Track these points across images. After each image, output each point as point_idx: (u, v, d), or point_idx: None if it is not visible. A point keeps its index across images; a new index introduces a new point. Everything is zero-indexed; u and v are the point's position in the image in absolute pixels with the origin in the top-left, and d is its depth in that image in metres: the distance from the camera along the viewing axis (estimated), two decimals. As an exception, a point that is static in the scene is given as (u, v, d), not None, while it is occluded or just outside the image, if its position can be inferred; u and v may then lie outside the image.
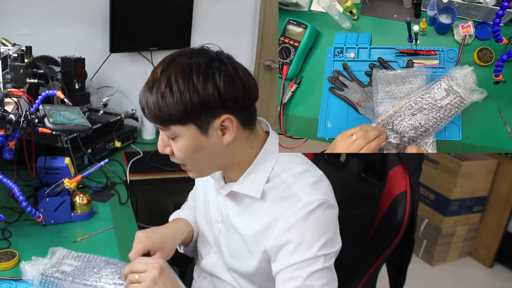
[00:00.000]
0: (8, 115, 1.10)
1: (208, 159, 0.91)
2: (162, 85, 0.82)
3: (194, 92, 0.81)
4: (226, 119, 0.85)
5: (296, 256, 0.86)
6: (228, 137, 0.87)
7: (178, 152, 0.89)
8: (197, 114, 0.83)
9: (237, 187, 0.95)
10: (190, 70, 0.82)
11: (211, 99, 0.82)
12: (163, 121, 0.85)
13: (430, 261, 2.81)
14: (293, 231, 0.86)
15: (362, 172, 1.23)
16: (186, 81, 0.81)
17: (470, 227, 2.86)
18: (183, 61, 0.84)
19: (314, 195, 0.88)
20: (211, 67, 0.83)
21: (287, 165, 0.93)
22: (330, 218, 0.90)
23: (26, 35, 1.94)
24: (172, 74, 0.82)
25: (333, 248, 0.89)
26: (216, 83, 0.82)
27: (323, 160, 1.32)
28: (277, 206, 0.90)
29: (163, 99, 0.82)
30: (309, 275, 0.85)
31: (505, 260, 2.82)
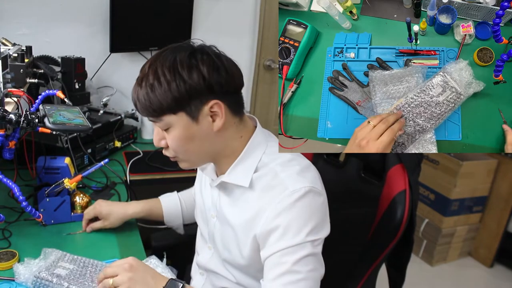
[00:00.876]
0: (8, 115, 1.11)
1: (201, 147, 0.94)
2: (150, 78, 0.87)
3: (180, 80, 0.86)
4: (214, 104, 0.89)
5: (283, 242, 0.88)
6: (218, 122, 0.91)
7: (172, 142, 0.92)
8: (186, 101, 0.87)
9: (226, 177, 0.98)
10: (175, 61, 0.87)
11: (197, 86, 0.87)
12: (154, 112, 0.89)
13: (430, 261, 2.81)
14: (281, 218, 0.88)
15: (361, 171, 1.23)
16: (172, 72, 0.86)
17: (470, 227, 2.86)
18: (168, 54, 0.89)
19: (302, 182, 0.90)
20: (195, 58, 0.88)
21: (274, 155, 0.97)
22: (317, 205, 0.92)
23: (26, 35, 1.94)
24: (158, 67, 0.87)
25: (320, 234, 0.91)
26: (200, 71, 0.87)
27: (323, 159, 1.32)
28: (265, 194, 0.92)
29: (152, 90, 0.87)
30: (296, 261, 0.87)
31: (505, 260, 2.83)
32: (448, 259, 2.86)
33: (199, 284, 1.14)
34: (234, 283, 1.05)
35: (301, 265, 0.87)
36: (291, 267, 0.86)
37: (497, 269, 2.83)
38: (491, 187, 2.82)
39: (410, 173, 1.11)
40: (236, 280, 1.05)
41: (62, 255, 1.08)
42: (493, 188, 2.81)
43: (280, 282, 0.87)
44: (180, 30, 2.23)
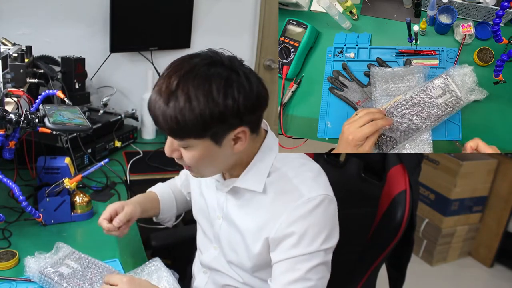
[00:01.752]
0: (8, 115, 1.11)
1: (216, 164, 0.93)
2: (180, 100, 0.80)
3: (214, 107, 0.80)
4: (241, 131, 0.87)
5: (298, 249, 0.89)
6: (239, 146, 0.89)
7: (188, 160, 0.89)
8: (215, 128, 0.83)
9: (239, 182, 0.97)
10: (210, 85, 0.80)
11: (229, 114, 0.82)
12: (178, 135, 0.85)
13: (430, 261, 2.81)
14: (297, 225, 0.89)
15: (361, 171, 1.23)
16: (206, 97, 0.80)
17: (470, 227, 2.86)
18: (200, 72, 0.81)
19: (316, 190, 0.90)
20: (231, 85, 0.82)
21: (285, 159, 0.97)
22: (331, 212, 0.92)
23: (26, 35, 1.94)
24: (191, 89, 0.80)
25: (332, 242, 0.92)
26: (235, 98, 0.81)
27: (323, 160, 1.32)
28: (279, 200, 0.92)
29: (182, 115, 0.80)
30: (309, 269, 0.88)
31: (505, 260, 2.82)
32: (448, 259, 2.86)
33: (202, 282, 1.14)
34: (241, 283, 1.05)
35: (313, 273, 0.89)
36: (304, 275, 0.88)
37: (497, 269, 2.83)
38: (491, 187, 2.82)
39: (410, 173, 1.11)
40: (243, 280, 1.05)
41: (71, 252, 1.10)
42: (493, 188, 2.81)
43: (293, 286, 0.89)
44: (180, 30, 2.23)
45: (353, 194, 1.25)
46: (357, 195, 1.24)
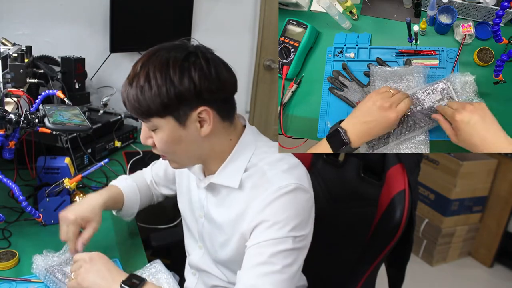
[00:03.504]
0: (8, 115, 1.11)
1: (188, 151, 0.94)
2: (141, 80, 0.86)
3: (170, 85, 0.85)
4: (203, 110, 0.88)
5: (266, 234, 0.88)
6: (205, 129, 0.90)
7: (158, 144, 0.93)
8: (174, 106, 0.87)
9: (215, 178, 0.98)
10: (167, 64, 0.86)
11: (187, 92, 0.86)
12: (142, 113, 0.89)
13: (430, 261, 2.81)
14: (265, 212, 0.89)
15: (361, 171, 1.23)
16: (163, 76, 0.85)
17: (470, 227, 2.86)
18: (161, 55, 0.87)
19: (287, 179, 0.90)
20: (187, 62, 0.86)
21: (263, 155, 0.97)
22: (302, 202, 0.91)
23: (26, 35, 1.94)
24: (150, 68, 0.86)
25: (303, 231, 0.91)
26: (191, 77, 0.85)
27: (322, 159, 1.32)
28: (252, 193, 0.93)
29: (142, 93, 0.86)
30: (275, 253, 0.87)
31: (505, 260, 2.83)
32: (448, 259, 2.86)
33: (192, 284, 1.14)
34: (226, 282, 1.06)
35: (279, 258, 0.87)
36: (268, 259, 0.87)
37: (497, 269, 2.83)
38: (491, 187, 2.82)
39: (409, 173, 1.11)
40: (228, 279, 1.05)
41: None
42: (493, 188, 2.81)
43: (254, 272, 0.87)
44: (180, 30, 2.23)
45: (352, 194, 1.25)
46: (356, 195, 1.24)
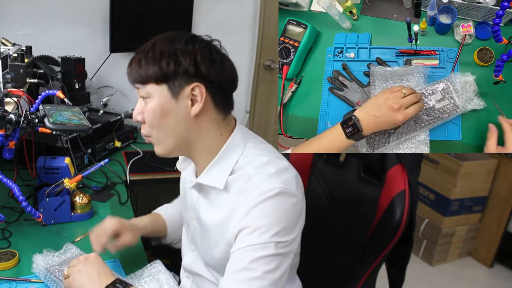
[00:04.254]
0: (8, 115, 1.11)
1: (174, 128, 0.94)
2: (147, 47, 0.92)
3: (172, 54, 0.90)
4: (196, 86, 0.90)
5: (248, 240, 0.87)
6: (196, 107, 0.91)
7: (148, 114, 0.94)
8: (171, 76, 0.90)
9: (202, 178, 0.97)
10: (174, 38, 0.92)
11: (186, 65, 0.90)
12: (141, 77, 0.92)
13: (430, 261, 2.81)
14: (248, 217, 0.87)
15: (361, 171, 1.23)
16: (168, 45, 0.91)
17: (470, 227, 2.86)
18: (171, 35, 0.94)
19: (273, 183, 0.88)
20: (192, 44, 0.92)
21: (251, 157, 0.95)
22: (287, 206, 0.89)
23: (26, 35, 1.94)
24: (158, 41, 0.92)
25: (288, 237, 0.89)
26: (194, 55, 0.90)
27: (323, 159, 1.32)
28: (238, 197, 0.91)
29: (145, 58, 0.91)
30: (256, 259, 0.85)
31: (505, 260, 2.82)
32: (448, 259, 2.86)
33: (186, 287, 1.14)
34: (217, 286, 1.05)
35: (260, 264, 0.85)
36: (248, 265, 0.85)
37: (497, 269, 2.83)
38: (491, 187, 2.82)
39: (409, 173, 1.11)
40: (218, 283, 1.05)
41: (79, 253, 1.10)
42: (493, 188, 2.81)
43: (235, 278, 0.86)
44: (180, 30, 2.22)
45: (352, 194, 1.25)
46: (356, 195, 1.24)
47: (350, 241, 1.24)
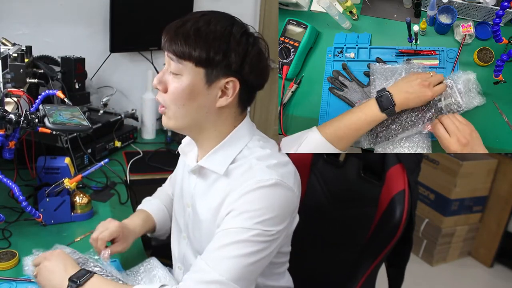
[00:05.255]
0: (8, 115, 1.11)
1: (195, 112, 0.92)
2: (201, 22, 0.88)
3: (225, 44, 0.87)
4: (232, 81, 0.89)
5: (233, 221, 0.87)
6: (223, 101, 0.91)
7: (174, 90, 0.90)
8: (214, 64, 0.88)
9: (203, 161, 0.97)
10: (231, 26, 0.89)
11: (234, 60, 0.88)
12: (182, 51, 0.88)
13: (430, 261, 2.81)
14: (239, 201, 0.87)
15: (361, 171, 1.23)
16: (223, 33, 0.87)
17: (470, 227, 2.86)
18: (227, 17, 0.92)
19: (270, 174, 0.88)
20: (247, 39, 0.90)
21: (255, 149, 0.95)
22: (280, 198, 0.89)
23: (26, 35, 1.94)
24: (213, 20, 0.88)
25: (275, 227, 0.88)
26: (246, 51, 0.88)
27: (322, 159, 1.32)
28: (234, 183, 0.91)
29: (195, 34, 0.86)
30: (235, 241, 0.85)
31: (505, 260, 2.82)
32: (448, 259, 2.86)
33: (179, 279, 1.12)
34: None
35: (237, 247, 0.85)
36: (226, 245, 0.85)
37: (497, 269, 2.83)
38: (491, 187, 2.81)
39: (409, 173, 1.11)
40: None
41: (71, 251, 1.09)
42: (493, 188, 2.81)
43: (209, 255, 0.86)
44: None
45: (352, 194, 1.25)
46: (356, 195, 1.24)
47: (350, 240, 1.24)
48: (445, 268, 2.81)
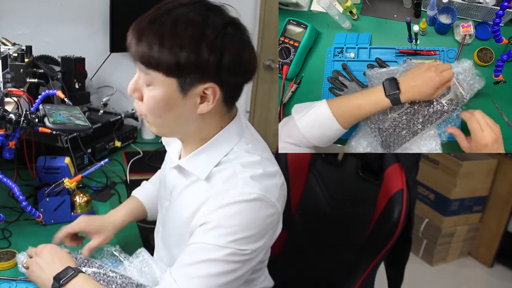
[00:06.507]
0: (8, 115, 1.11)
1: (175, 122, 0.85)
2: (165, 27, 0.76)
3: (195, 52, 0.76)
4: (211, 87, 0.80)
5: (206, 236, 0.81)
6: (204, 107, 0.82)
7: (148, 101, 0.83)
8: (186, 72, 0.78)
9: (185, 162, 0.90)
10: (203, 25, 0.76)
11: (208, 64, 0.77)
12: (148, 62, 0.78)
13: (430, 261, 2.81)
14: (215, 213, 0.81)
15: (359, 170, 1.23)
16: (192, 40, 0.75)
17: (470, 227, 2.86)
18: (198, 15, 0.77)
19: (253, 187, 0.81)
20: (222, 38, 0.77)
21: (242, 153, 0.87)
22: (260, 215, 0.82)
23: (26, 35, 1.94)
24: (180, 21, 0.76)
25: (251, 245, 0.82)
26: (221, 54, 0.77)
27: (321, 159, 1.32)
28: (215, 189, 0.84)
29: (161, 44, 0.76)
30: (206, 260, 0.80)
31: (505, 260, 2.82)
32: (448, 259, 2.86)
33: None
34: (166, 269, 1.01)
35: (207, 265, 0.80)
36: (197, 263, 0.81)
37: (497, 269, 2.83)
38: (491, 187, 2.81)
39: (407, 172, 1.11)
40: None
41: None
42: (493, 188, 2.81)
43: (180, 271, 0.82)
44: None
45: (350, 193, 1.25)
46: (354, 194, 1.24)
47: (349, 240, 1.24)
48: (445, 268, 2.81)
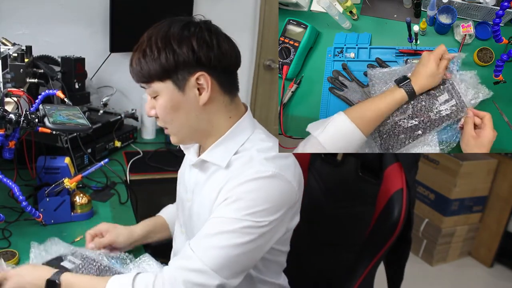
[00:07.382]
0: (8, 115, 1.11)
1: (187, 119, 0.96)
2: (144, 45, 0.93)
3: (170, 50, 0.90)
4: (201, 76, 0.91)
5: (226, 210, 0.89)
6: (204, 96, 0.93)
7: (159, 111, 0.95)
8: (173, 70, 0.91)
9: (205, 155, 0.99)
10: (168, 32, 0.91)
11: (185, 57, 0.90)
12: (143, 77, 0.93)
13: (430, 261, 2.81)
14: (234, 190, 0.89)
15: (359, 170, 1.23)
16: (163, 42, 0.90)
17: (470, 227, 2.86)
18: (164, 25, 0.94)
19: (269, 166, 0.90)
20: (188, 30, 0.91)
21: (257, 142, 0.97)
22: (276, 189, 0.91)
23: (26, 35, 1.94)
24: (153, 35, 0.92)
25: (267, 217, 0.89)
26: (191, 43, 0.90)
27: (320, 158, 1.32)
28: (234, 173, 0.93)
29: (144, 57, 0.92)
30: (225, 231, 0.87)
31: (505, 260, 2.82)
32: (448, 259, 2.86)
33: None
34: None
35: (226, 237, 0.87)
36: (216, 234, 0.87)
37: (497, 269, 2.83)
38: (491, 187, 2.82)
39: (407, 172, 1.11)
40: None
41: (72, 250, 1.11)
42: (493, 188, 2.81)
43: (199, 242, 0.89)
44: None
45: (350, 193, 1.25)
46: (354, 194, 1.24)
47: (348, 239, 1.24)
48: (445, 268, 2.81)
